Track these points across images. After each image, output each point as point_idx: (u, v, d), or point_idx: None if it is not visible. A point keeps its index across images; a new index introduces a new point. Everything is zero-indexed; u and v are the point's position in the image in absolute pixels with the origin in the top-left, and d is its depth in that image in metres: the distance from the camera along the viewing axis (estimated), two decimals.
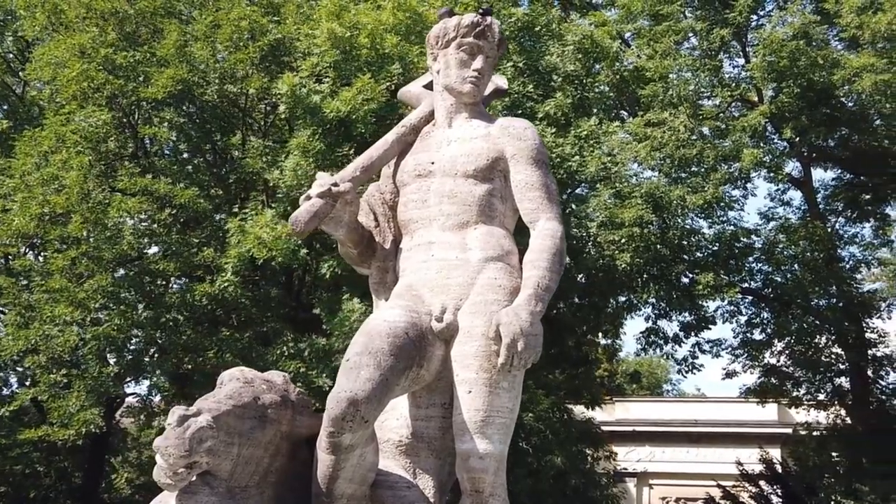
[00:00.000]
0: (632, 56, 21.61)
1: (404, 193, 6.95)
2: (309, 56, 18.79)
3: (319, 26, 18.57)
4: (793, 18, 20.88)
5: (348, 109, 17.50)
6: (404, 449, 6.63)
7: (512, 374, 6.22)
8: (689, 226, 21.70)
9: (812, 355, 25.01)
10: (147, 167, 20.23)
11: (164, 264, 18.95)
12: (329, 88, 18.13)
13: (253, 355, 18.56)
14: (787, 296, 23.63)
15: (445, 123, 7.04)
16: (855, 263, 25.60)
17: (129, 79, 19.51)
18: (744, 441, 36.00)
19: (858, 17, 19.79)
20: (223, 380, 6.26)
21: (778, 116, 21.46)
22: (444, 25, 7.03)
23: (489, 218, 6.68)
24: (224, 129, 20.89)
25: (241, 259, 17.81)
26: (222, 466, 5.91)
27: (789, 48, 19.93)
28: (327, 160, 17.67)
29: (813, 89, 20.83)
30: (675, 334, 23.59)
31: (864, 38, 19.95)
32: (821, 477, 25.55)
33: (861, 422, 24.13)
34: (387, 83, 17.91)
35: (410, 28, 19.13)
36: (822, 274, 23.16)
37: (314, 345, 17.91)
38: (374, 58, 18.44)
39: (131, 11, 20.20)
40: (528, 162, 6.73)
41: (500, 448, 6.21)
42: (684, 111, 20.48)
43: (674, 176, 20.71)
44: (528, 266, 6.41)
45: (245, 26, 19.17)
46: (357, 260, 7.01)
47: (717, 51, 22.63)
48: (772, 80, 21.08)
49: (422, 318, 6.36)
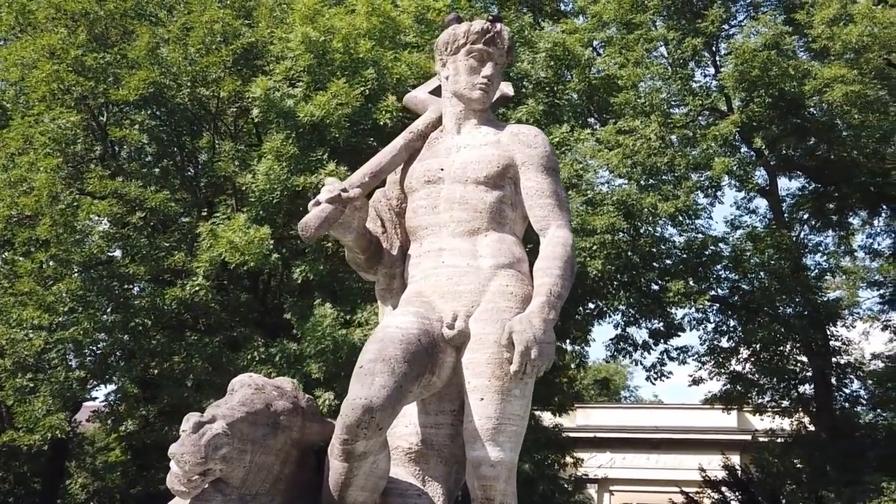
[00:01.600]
0: (603, 64, 21.70)
1: (413, 200, 6.90)
2: (283, 60, 18.72)
3: (294, 30, 18.50)
4: (764, 29, 21.05)
5: (322, 114, 17.47)
6: (414, 456, 6.60)
7: (524, 381, 6.22)
8: (660, 233, 21.83)
9: (777, 363, 25.23)
10: (117, 170, 20.05)
11: (133, 268, 18.78)
12: (303, 92, 18.09)
13: (223, 360, 18.48)
14: (755, 303, 23.84)
15: (454, 130, 7.01)
16: (820, 272, 25.88)
17: (100, 80, 19.33)
18: (704, 447, 36.21)
19: (829, 29, 20.02)
20: (234, 386, 6.21)
21: (748, 126, 21.63)
22: (454, 32, 7.00)
23: (500, 225, 6.66)
24: (194, 133, 20.75)
25: (212, 263, 17.71)
26: (235, 474, 5.87)
27: (761, 58, 20.11)
28: (300, 165, 17.63)
29: (783, 99, 21.03)
30: (645, 341, 23.73)
31: (835, 50, 20.18)
32: (784, 484, 25.77)
33: (825, 429, 24.36)
34: (361, 88, 17.89)
35: (384, 33, 19.12)
36: (788, 282, 23.40)
37: (285, 350, 17.80)
38: (348, 62, 18.39)
39: (101, 13, 20.00)
40: (539, 169, 6.73)
41: (512, 456, 6.19)
42: (655, 119, 20.60)
43: (644, 184, 20.80)
44: (540, 273, 6.40)
45: (218, 29, 19.06)
46: (364, 266, 6.96)
47: (689, 60, 22.78)
48: (743, 90, 21.26)
49: (433, 325, 6.33)
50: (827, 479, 23.05)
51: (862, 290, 29.26)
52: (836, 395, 25.55)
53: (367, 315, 17.32)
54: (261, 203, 17.94)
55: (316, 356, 17.14)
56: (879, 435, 24.25)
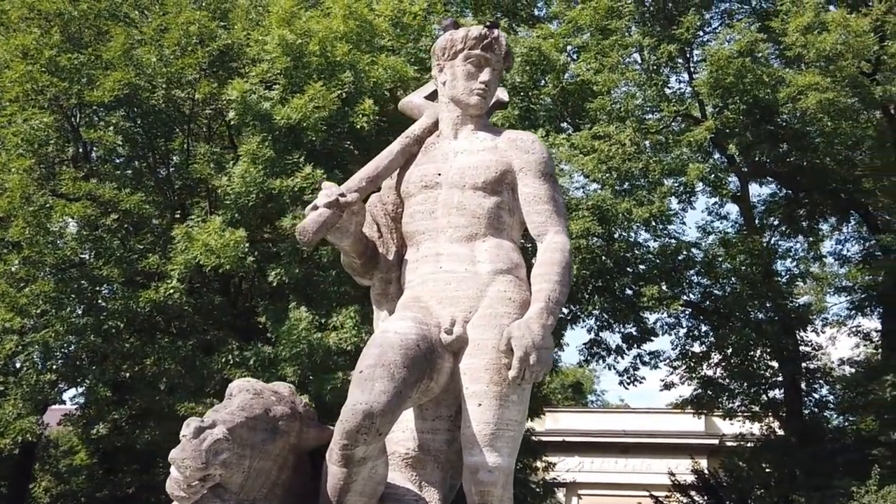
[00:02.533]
0: (578, 69, 21.76)
1: (410, 205, 6.89)
2: (259, 62, 18.66)
3: (270, 33, 18.44)
4: (739, 36, 21.18)
5: (299, 117, 17.44)
6: (410, 462, 6.59)
7: (521, 387, 6.23)
8: (634, 238, 21.93)
9: (748, 367, 25.40)
10: (90, 171, 19.91)
11: (107, 270, 18.64)
12: (279, 95, 18.05)
13: (196, 363, 18.40)
14: (727, 309, 23.99)
15: (451, 135, 7.00)
16: (790, 278, 26.07)
17: (73, 81, 19.17)
18: (672, 451, 36.32)
19: (804, 37, 20.18)
20: (232, 391, 6.18)
21: (722, 132, 21.77)
22: (452, 37, 7.00)
23: (497, 231, 6.66)
24: (168, 135, 20.63)
25: (187, 266, 17.63)
26: (233, 479, 5.84)
27: (735, 65, 20.23)
28: (277, 167, 17.59)
29: (757, 106, 21.18)
30: (618, 346, 23.83)
31: (809, 57, 20.35)
32: (753, 488, 25.91)
33: (794, 433, 24.53)
34: (338, 91, 17.86)
35: (361, 36, 19.09)
36: (759, 288, 23.56)
37: (259, 353, 17.74)
38: (325, 65, 18.36)
39: (75, 13, 19.84)
40: (536, 175, 6.74)
41: (509, 461, 6.21)
42: (630, 125, 20.69)
43: (619, 189, 20.88)
44: (539, 279, 6.41)
45: (194, 31, 18.95)
46: (360, 271, 6.94)
47: (664, 66, 22.89)
48: (717, 97, 21.39)
49: (431, 331, 6.32)
50: (796, 484, 23.19)
51: (829, 296, 29.48)
52: (806, 399, 25.73)
53: (343, 319, 17.30)
54: (236, 206, 17.89)
55: (291, 359, 17.12)
56: (848, 440, 24.45)
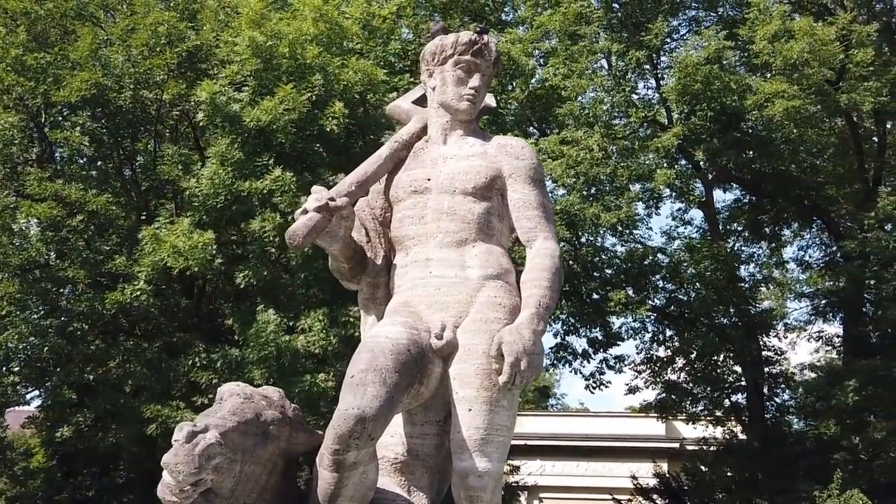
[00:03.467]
0: (546, 74, 21.84)
1: (399, 209, 6.88)
2: (229, 64, 18.59)
3: (240, 34, 18.37)
4: (707, 43, 21.33)
5: (269, 119, 17.38)
6: (399, 466, 6.59)
7: (511, 392, 6.24)
8: (601, 243, 22.03)
9: (711, 372, 25.58)
10: (56, 172, 19.75)
11: (73, 271, 18.48)
12: (248, 97, 17.98)
13: (163, 366, 18.30)
14: (692, 314, 24.15)
15: (440, 140, 7.00)
16: (754, 283, 26.28)
17: (40, 81, 19.01)
18: (633, 455, 36.48)
19: (771, 45, 20.36)
20: (223, 395, 6.14)
21: (689, 139, 21.92)
22: (442, 42, 7.00)
23: (487, 236, 6.67)
24: (134, 136, 20.50)
25: (154, 268, 17.52)
26: (224, 484, 5.81)
27: (703, 72, 20.38)
28: (246, 170, 17.53)
29: (725, 113, 21.35)
30: (584, 350, 23.91)
31: (776, 65, 20.53)
32: (715, 492, 26.08)
33: (756, 438, 24.72)
34: (308, 94, 17.82)
35: (331, 39, 19.07)
36: (723, 293, 23.75)
37: (227, 356, 17.67)
38: (295, 68, 18.32)
39: (42, 12, 19.68)
40: (526, 181, 6.76)
41: (498, 466, 6.22)
42: (598, 130, 20.78)
43: (586, 194, 20.96)
44: (529, 285, 6.42)
45: (162, 31, 18.87)
46: (348, 275, 6.92)
47: (632, 72, 23.02)
48: (685, 103, 21.53)
49: (421, 336, 6.31)
50: (758, 488, 23.35)
51: (791, 301, 29.74)
52: (768, 404, 25.94)
53: (311, 322, 17.28)
54: (204, 207, 17.81)
55: (258, 362, 17.08)
56: (809, 444, 24.67)
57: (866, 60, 20.27)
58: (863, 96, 20.56)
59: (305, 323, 17.37)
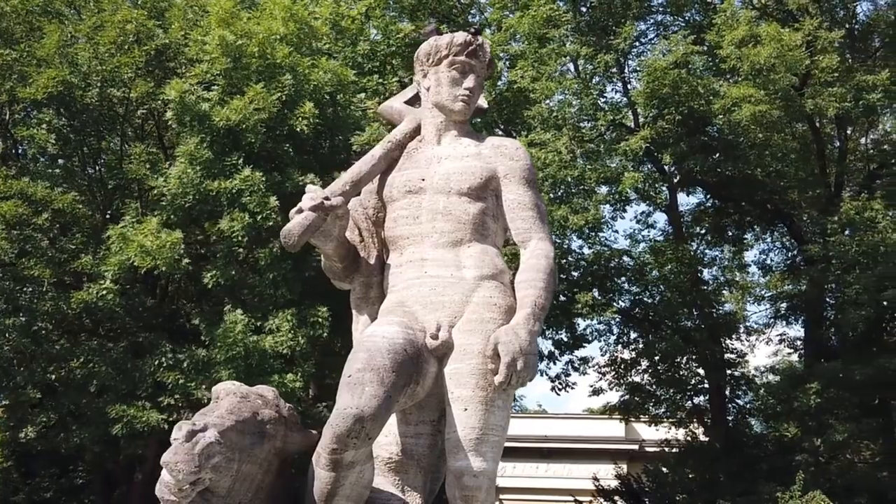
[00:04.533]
0: (515, 77, 21.89)
1: (393, 209, 6.90)
2: (198, 63, 18.48)
3: (210, 33, 18.28)
4: (675, 48, 21.47)
5: (239, 118, 17.32)
6: (394, 466, 6.60)
7: (507, 392, 6.28)
8: (568, 246, 22.10)
9: (674, 374, 25.76)
10: (21, 170, 19.54)
11: (38, 270, 18.29)
12: (218, 96, 17.90)
13: (128, 366, 18.15)
14: (657, 316, 24.31)
15: (434, 140, 7.03)
16: (718, 286, 26.51)
17: (6, 78, 18.81)
18: (593, 457, 36.56)
19: (738, 50, 20.55)
20: (219, 394, 6.13)
21: (657, 142, 22.06)
22: (436, 43, 7.04)
23: (482, 236, 6.71)
24: (101, 134, 20.33)
25: (121, 267, 17.39)
26: (221, 483, 5.81)
27: (671, 76, 20.51)
28: (215, 169, 17.45)
29: (692, 117, 21.51)
30: (551, 352, 23.98)
31: (744, 70, 20.71)
32: (676, 493, 26.22)
33: (718, 440, 24.91)
34: (278, 94, 17.77)
35: (301, 39, 19.02)
36: (688, 296, 23.93)
37: (193, 356, 17.58)
38: (265, 67, 18.26)
39: (7, 8, 19.48)
40: (521, 182, 6.81)
41: (493, 466, 6.25)
42: (566, 133, 20.85)
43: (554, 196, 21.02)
44: (524, 285, 6.46)
45: (131, 29, 18.71)
46: (341, 274, 6.92)
47: (600, 76, 23.14)
48: (653, 107, 21.67)
49: (417, 335, 6.34)
50: (720, 489, 23.52)
51: (751, 305, 30.01)
52: (730, 406, 26.17)
53: (279, 322, 17.22)
54: (172, 207, 17.72)
55: (226, 362, 17.00)
56: (770, 446, 24.92)
57: (832, 66, 20.48)
58: (828, 102, 20.80)
59: (273, 323, 17.31)
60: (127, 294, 19.36)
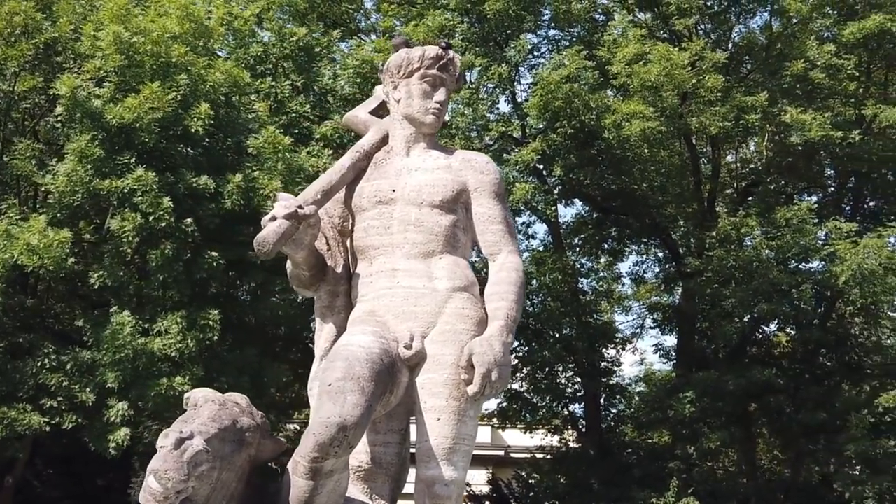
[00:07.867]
0: None
1: (363, 219, 6.93)
2: (90, 59, 18.06)
3: (104, 28, 17.89)
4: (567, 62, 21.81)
5: (132, 117, 17.00)
6: (363, 475, 6.64)
7: (478, 402, 6.39)
8: None
9: (552, 382, 26.16)
10: None
11: None
12: (110, 94, 17.53)
13: (7, 367, 17.62)
14: (539, 324, 24.66)
15: (403, 152, 7.09)
16: (596, 296, 27.03)
17: None
18: None
19: (629, 67, 21.03)
20: (197, 401, 6.07)
21: (546, 154, 22.37)
22: (408, 55, 7.10)
23: (453, 248, 6.80)
24: None
25: (4, 266, 16.89)
26: (201, 491, 5.76)
27: (564, 90, 20.85)
28: (106, 167, 17.08)
29: (583, 131, 21.90)
30: None
31: (634, 87, 21.20)
32: (548, 499, 26.61)
33: (592, 446, 25.40)
34: (174, 93, 17.49)
35: (196, 39, 18.77)
36: (569, 306, 24.36)
37: (77, 358, 17.18)
38: (160, 66, 17.96)
39: None
40: (491, 195, 6.92)
41: (463, 475, 6.37)
42: (458, 143, 21.02)
43: None
44: (496, 298, 6.58)
45: (18, 21, 18.17)
46: (307, 283, 6.90)
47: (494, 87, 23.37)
48: (545, 120, 21.99)
49: (390, 345, 6.40)
50: (594, 495, 23.96)
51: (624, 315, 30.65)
52: (604, 414, 26.72)
53: (168, 324, 16.96)
54: (60, 205, 17.30)
55: (112, 365, 16.68)
56: (643, 452, 25.53)
57: (717, 86, 21.10)
58: (711, 120, 21.44)
59: (162, 325, 17.04)
60: (5, 293, 18.79)
